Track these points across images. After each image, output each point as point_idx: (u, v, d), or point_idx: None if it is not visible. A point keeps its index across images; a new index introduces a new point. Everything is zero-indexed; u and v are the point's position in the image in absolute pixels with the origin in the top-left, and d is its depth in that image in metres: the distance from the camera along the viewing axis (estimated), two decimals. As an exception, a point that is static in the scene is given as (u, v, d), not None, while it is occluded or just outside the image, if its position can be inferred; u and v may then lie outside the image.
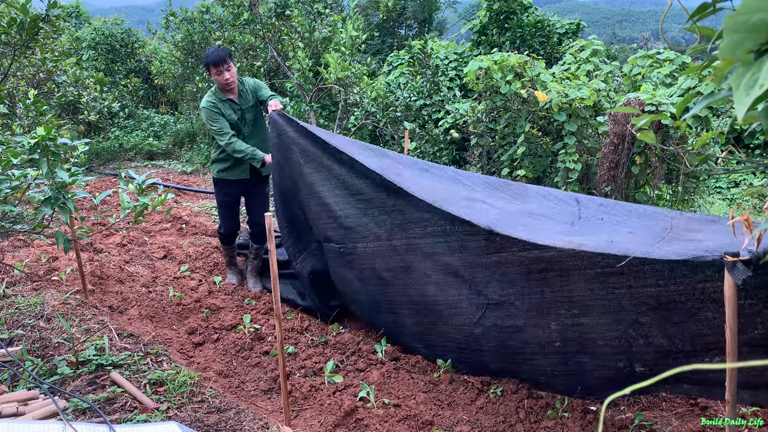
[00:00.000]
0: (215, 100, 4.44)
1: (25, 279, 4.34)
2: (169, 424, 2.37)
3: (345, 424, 3.08)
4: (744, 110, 0.83)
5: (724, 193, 10.18)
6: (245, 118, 4.53)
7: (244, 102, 4.52)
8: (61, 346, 3.35)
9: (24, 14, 4.12)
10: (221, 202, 4.77)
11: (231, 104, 4.47)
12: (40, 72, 7.04)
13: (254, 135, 4.57)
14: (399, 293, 3.65)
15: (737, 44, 0.85)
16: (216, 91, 4.47)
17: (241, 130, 4.51)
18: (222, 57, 4.30)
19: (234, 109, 4.48)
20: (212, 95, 4.46)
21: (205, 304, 4.49)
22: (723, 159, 3.07)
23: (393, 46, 19.50)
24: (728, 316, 1.94)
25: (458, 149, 10.16)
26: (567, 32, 13.25)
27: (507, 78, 7.33)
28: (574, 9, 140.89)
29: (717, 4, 1.25)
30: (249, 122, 4.54)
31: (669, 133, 6.18)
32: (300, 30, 7.65)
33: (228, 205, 4.77)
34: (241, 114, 4.51)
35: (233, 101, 4.48)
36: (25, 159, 2.72)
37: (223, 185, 4.66)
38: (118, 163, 10.05)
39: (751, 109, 1.05)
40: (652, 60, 9.34)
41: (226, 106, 4.45)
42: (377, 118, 7.79)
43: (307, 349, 3.87)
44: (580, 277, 2.74)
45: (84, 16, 14.61)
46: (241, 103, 4.50)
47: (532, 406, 3.16)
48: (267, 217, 2.69)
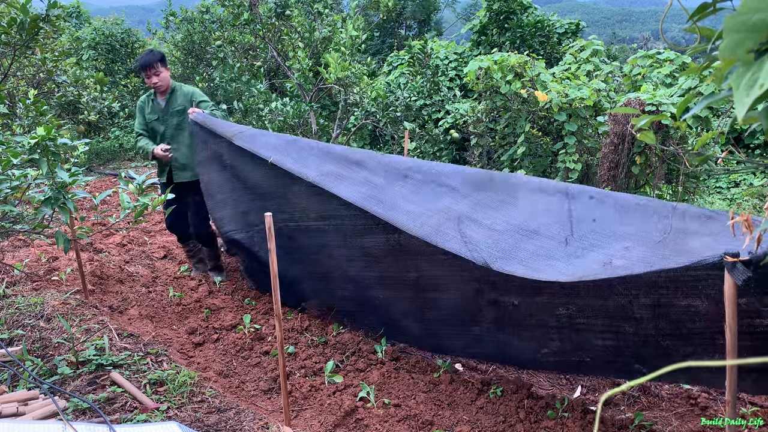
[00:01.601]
0: (144, 98, 4.70)
1: (25, 279, 4.34)
2: (169, 424, 2.37)
3: (345, 424, 3.08)
4: (744, 110, 0.82)
5: (724, 193, 10.18)
6: (167, 121, 4.64)
7: (171, 105, 4.63)
8: (61, 346, 3.35)
9: (24, 14, 4.11)
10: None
11: (155, 105, 4.65)
12: (40, 72, 7.04)
13: (176, 139, 4.65)
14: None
15: (737, 44, 0.85)
16: (151, 92, 4.69)
17: (158, 130, 4.65)
18: (149, 61, 4.44)
19: (155, 109, 4.64)
20: (146, 94, 4.72)
21: (205, 304, 4.49)
22: (723, 159, 3.06)
23: (393, 46, 19.50)
24: (728, 316, 1.94)
25: (458, 149, 10.16)
26: (567, 32, 13.25)
27: (507, 78, 7.33)
28: (574, 9, 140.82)
29: (717, 4, 1.25)
30: (171, 125, 4.63)
31: (669, 133, 6.18)
32: (300, 30, 7.65)
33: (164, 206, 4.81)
34: (161, 116, 4.64)
35: (158, 102, 4.65)
36: (25, 159, 2.71)
37: (161, 187, 4.84)
38: (118, 163, 10.06)
39: (752, 109, 1.05)
40: (653, 60, 9.34)
41: (149, 106, 4.66)
42: (377, 118, 7.79)
43: (307, 349, 3.87)
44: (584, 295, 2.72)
45: (84, 16, 14.62)
46: (165, 106, 4.63)
47: (532, 406, 3.16)
48: (267, 217, 2.69)
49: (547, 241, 2.74)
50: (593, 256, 2.53)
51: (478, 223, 2.94)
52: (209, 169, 4.43)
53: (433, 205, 3.15)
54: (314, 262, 4.02)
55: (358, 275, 3.75)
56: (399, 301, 3.66)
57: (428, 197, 3.23)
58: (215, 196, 4.49)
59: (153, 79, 4.48)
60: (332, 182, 3.46)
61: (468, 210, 3.03)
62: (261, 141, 4.01)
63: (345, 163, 3.61)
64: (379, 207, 3.21)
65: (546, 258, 2.63)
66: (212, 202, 4.54)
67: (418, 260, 3.29)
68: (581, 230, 2.71)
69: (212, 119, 4.35)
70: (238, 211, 4.40)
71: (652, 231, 2.50)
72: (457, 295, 3.28)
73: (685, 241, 2.36)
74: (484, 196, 3.09)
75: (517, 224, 2.87)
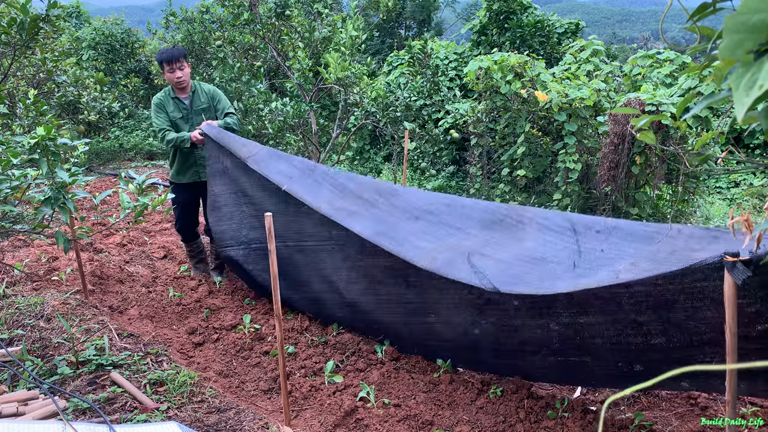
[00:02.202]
0: (163, 96, 4.54)
1: (25, 279, 4.34)
2: (169, 424, 2.37)
3: (345, 424, 3.08)
4: (744, 110, 0.83)
5: (724, 193, 10.18)
6: (191, 120, 4.55)
7: (195, 104, 4.56)
8: (61, 346, 3.35)
9: (24, 14, 4.11)
10: (175, 203, 4.78)
11: (178, 103, 4.53)
12: (40, 72, 7.03)
13: None
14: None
15: (737, 44, 0.85)
16: (168, 89, 4.56)
17: (183, 129, 4.53)
18: (176, 55, 4.39)
19: (179, 107, 4.52)
20: (163, 92, 4.57)
21: (205, 304, 4.49)
22: (723, 159, 3.06)
23: (393, 46, 19.50)
24: (728, 316, 1.94)
25: (458, 149, 10.16)
26: (567, 32, 13.25)
27: (507, 78, 7.33)
28: (574, 9, 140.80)
29: (717, 4, 1.25)
30: (196, 124, 4.53)
31: (669, 133, 6.18)
32: (300, 30, 7.65)
33: (181, 208, 4.80)
34: (186, 114, 4.54)
35: (181, 100, 4.54)
36: (25, 159, 2.71)
37: (176, 188, 4.68)
38: (118, 163, 10.06)
39: (751, 110, 1.05)
40: (653, 60, 9.34)
41: (171, 103, 4.51)
42: (377, 118, 7.79)
43: (307, 349, 3.87)
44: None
45: (84, 16, 14.61)
46: (189, 104, 4.55)
47: (532, 406, 3.16)
48: (267, 217, 2.69)
49: (555, 266, 2.82)
50: (600, 274, 2.58)
51: (488, 257, 3.04)
52: (218, 182, 4.41)
53: (443, 243, 3.26)
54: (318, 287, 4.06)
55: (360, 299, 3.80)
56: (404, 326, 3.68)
57: (439, 236, 3.35)
58: (221, 209, 4.47)
59: (177, 73, 4.40)
60: (344, 217, 3.58)
61: (478, 246, 3.16)
62: (274, 167, 4.04)
63: (359, 201, 3.72)
64: (391, 243, 3.30)
65: (553, 279, 2.69)
66: (216, 216, 4.52)
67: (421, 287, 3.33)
68: (589, 258, 2.79)
69: (226, 135, 4.29)
70: (242, 227, 4.40)
71: (658, 252, 2.54)
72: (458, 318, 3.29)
73: (690, 256, 2.38)
74: (494, 234, 3.23)
75: (527, 255, 2.97)
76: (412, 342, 3.72)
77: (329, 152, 8.17)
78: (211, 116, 4.60)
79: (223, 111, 4.62)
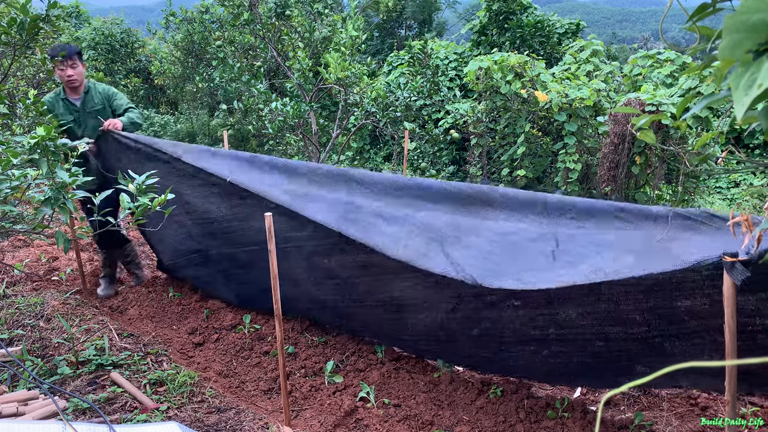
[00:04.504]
0: (52, 98, 4.21)
1: (25, 279, 4.34)
2: (169, 424, 2.37)
3: (345, 424, 3.09)
4: (743, 110, 0.83)
5: (724, 193, 10.18)
6: (84, 123, 4.21)
7: (88, 105, 4.22)
8: (61, 346, 3.35)
9: (24, 14, 4.11)
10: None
11: (68, 104, 4.20)
12: (40, 72, 7.02)
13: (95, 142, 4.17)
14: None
15: (737, 44, 0.85)
16: (60, 90, 4.25)
17: (75, 133, 4.15)
18: (69, 52, 4.08)
19: (70, 109, 4.20)
20: (53, 93, 4.25)
21: (205, 304, 4.49)
22: (723, 159, 3.06)
23: (393, 46, 19.51)
24: (727, 315, 1.94)
25: (458, 149, 10.17)
26: (567, 32, 13.25)
27: (507, 78, 7.33)
28: (574, 9, 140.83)
29: (717, 4, 1.25)
30: (89, 128, 4.19)
31: (669, 133, 6.18)
32: (300, 30, 7.65)
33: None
34: (78, 116, 4.21)
35: (72, 102, 4.21)
36: (25, 159, 2.72)
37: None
38: (118, 163, 10.05)
39: (751, 109, 1.06)
40: (653, 60, 9.34)
41: (61, 105, 4.19)
42: (377, 118, 7.80)
43: (307, 349, 3.87)
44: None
45: (84, 16, 14.62)
46: (81, 106, 4.21)
47: (532, 406, 3.16)
48: (267, 217, 2.69)
49: (533, 255, 2.69)
50: (582, 268, 2.50)
51: (462, 243, 2.86)
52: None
53: (413, 227, 3.01)
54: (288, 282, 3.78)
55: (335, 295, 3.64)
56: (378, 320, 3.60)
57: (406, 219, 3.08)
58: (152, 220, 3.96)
59: (68, 71, 4.07)
60: (301, 203, 3.27)
61: (451, 231, 2.95)
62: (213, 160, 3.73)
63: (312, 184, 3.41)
64: (355, 229, 3.04)
65: (534, 271, 2.60)
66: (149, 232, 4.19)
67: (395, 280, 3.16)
68: (566, 246, 2.65)
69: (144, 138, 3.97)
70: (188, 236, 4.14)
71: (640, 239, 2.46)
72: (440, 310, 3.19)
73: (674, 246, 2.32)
74: (466, 215, 3.01)
75: (502, 241, 2.80)
76: (382, 334, 3.68)
77: (329, 152, 8.17)
78: (107, 118, 4.21)
79: (120, 108, 4.29)
